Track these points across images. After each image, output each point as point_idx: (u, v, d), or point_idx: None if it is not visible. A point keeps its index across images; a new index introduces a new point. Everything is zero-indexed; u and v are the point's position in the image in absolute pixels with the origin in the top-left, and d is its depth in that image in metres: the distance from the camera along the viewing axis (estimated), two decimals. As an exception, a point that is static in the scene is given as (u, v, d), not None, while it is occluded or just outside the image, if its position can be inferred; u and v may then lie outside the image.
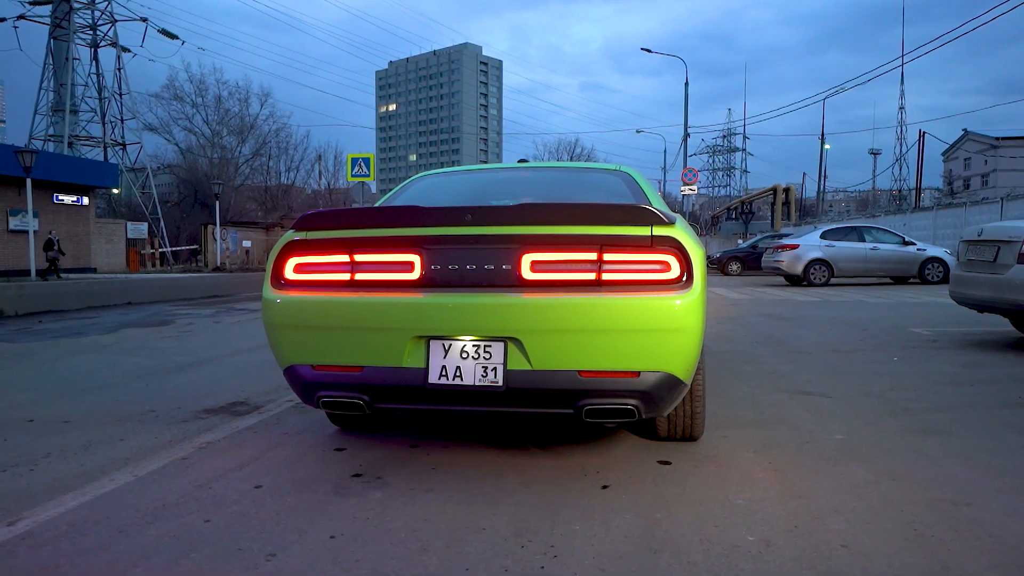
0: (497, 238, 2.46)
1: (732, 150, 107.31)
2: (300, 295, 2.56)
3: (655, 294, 2.36)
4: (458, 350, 2.44)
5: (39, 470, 2.85)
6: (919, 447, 3.04)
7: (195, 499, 2.48)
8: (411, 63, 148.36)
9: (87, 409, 3.91)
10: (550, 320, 2.37)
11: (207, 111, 54.09)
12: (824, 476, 2.67)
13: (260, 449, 3.10)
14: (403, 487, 2.60)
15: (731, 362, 5.31)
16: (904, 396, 4.07)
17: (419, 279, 2.50)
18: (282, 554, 2.04)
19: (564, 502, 2.43)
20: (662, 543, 2.09)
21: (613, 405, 2.42)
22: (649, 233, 2.40)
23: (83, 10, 38.03)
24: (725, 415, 3.64)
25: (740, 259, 22.64)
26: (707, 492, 2.52)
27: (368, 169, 19.30)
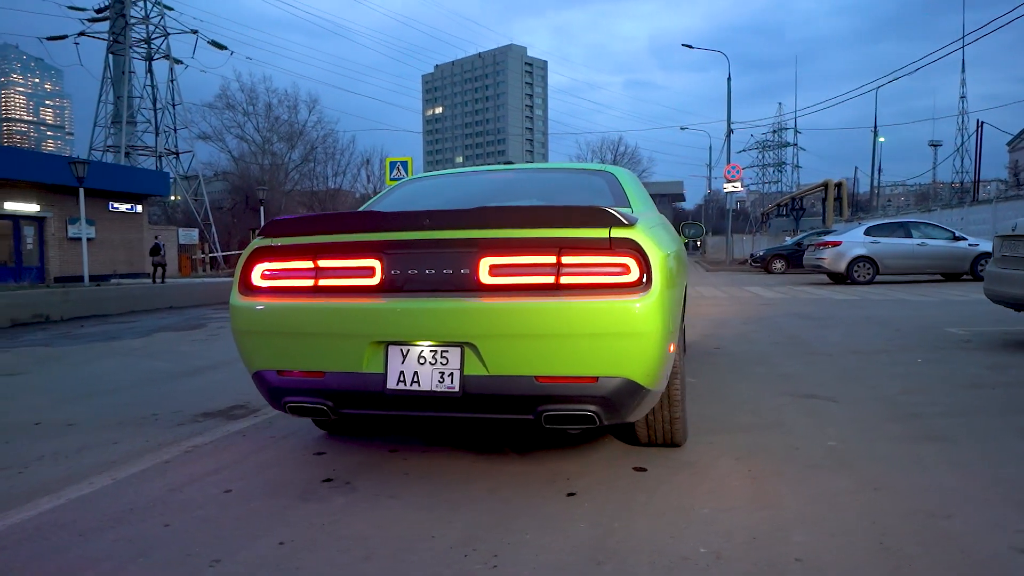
0: (455, 242, 2.43)
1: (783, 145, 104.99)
2: (265, 301, 2.58)
3: (612, 297, 2.30)
4: (416, 355, 2.42)
5: (27, 473, 2.94)
6: (915, 454, 2.90)
7: (163, 503, 2.52)
8: (456, 66, 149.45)
9: (94, 413, 4.03)
10: (505, 325, 2.33)
11: (258, 119, 55.47)
12: (803, 485, 2.57)
13: (243, 453, 3.14)
14: (369, 493, 2.59)
15: (744, 364, 5.17)
16: (915, 400, 3.89)
17: (379, 284, 2.49)
18: (227, 560, 2.05)
19: (525, 509, 2.39)
20: (610, 554, 2.03)
21: (572, 411, 2.37)
22: (607, 235, 2.34)
23: (138, 25, 39.45)
24: (720, 419, 3.54)
25: (784, 257, 22.09)
26: (674, 501, 2.44)
27: (406, 172, 19.53)
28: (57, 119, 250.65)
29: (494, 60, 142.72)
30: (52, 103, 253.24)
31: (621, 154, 63.95)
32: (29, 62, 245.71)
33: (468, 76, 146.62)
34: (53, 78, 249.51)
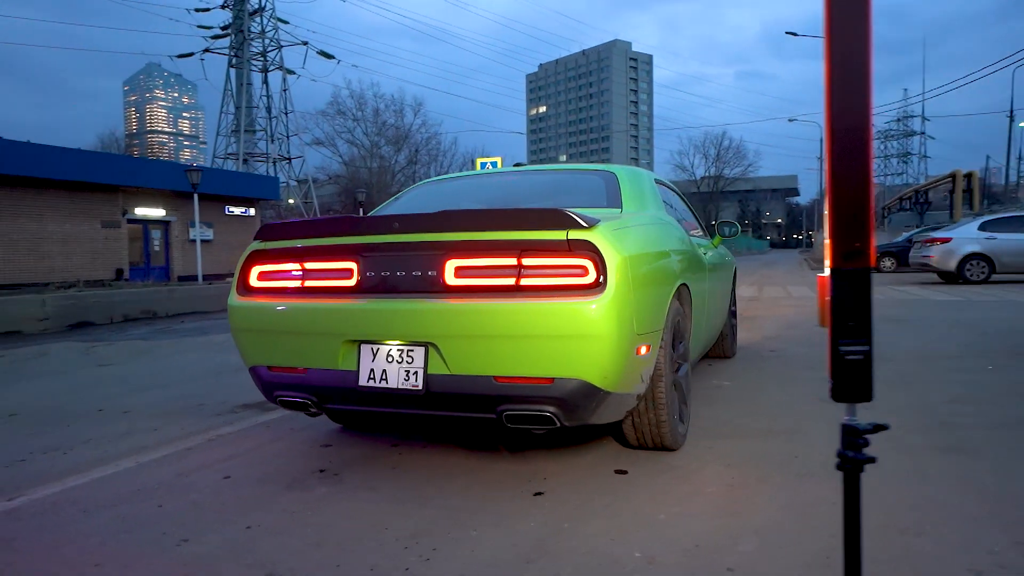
0: (422, 245, 2.51)
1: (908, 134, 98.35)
2: (257, 301, 2.76)
3: (567, 299, 2.31)
4: (384, 354, 2.52)
5: (71, 454, 3.27)
6: (923, 466, 2.73)
7: (167, 486, 2.75)
8: (560, 64, 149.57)
9: (152, 402, 4.40)
10: (465, 325, 2.39)
11: (366, 124, 57.83)
12: (783, 493, 2.48)
13: (259, 443, 3.35)
14: (352, 484, 2.72)
15: (793, 368, 4.96)
16: (959, 410, 3.63)
17: (356, 285, 2.61)
18: (194, 540, 2.23)
19: (487, 507, 2.44)
20: (544, 554, 2.06)
21: (531, 411, 2.40)
22: (565, 237, 2.35)
23: (255, 39, 42.11)
24: (733, 423, 3.44)
25: (894, 255, 20.72)
26: (639, 505, 2.42)
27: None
28: (192, 130, 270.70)
29: (598, 57, 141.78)
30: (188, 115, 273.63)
31: (725, 148, 62.03)
32: (169, 78, 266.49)
33: (572, 74, 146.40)
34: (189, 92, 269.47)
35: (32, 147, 19.65)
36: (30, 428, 3.79)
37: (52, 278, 19.52)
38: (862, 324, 0.90)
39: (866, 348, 0.94)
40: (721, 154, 61.30)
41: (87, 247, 21.28)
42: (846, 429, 1.03)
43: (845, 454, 1.01)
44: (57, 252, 20.50)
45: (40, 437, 3.58)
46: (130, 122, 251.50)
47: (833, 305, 0.91)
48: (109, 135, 57.55)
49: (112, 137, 52.54)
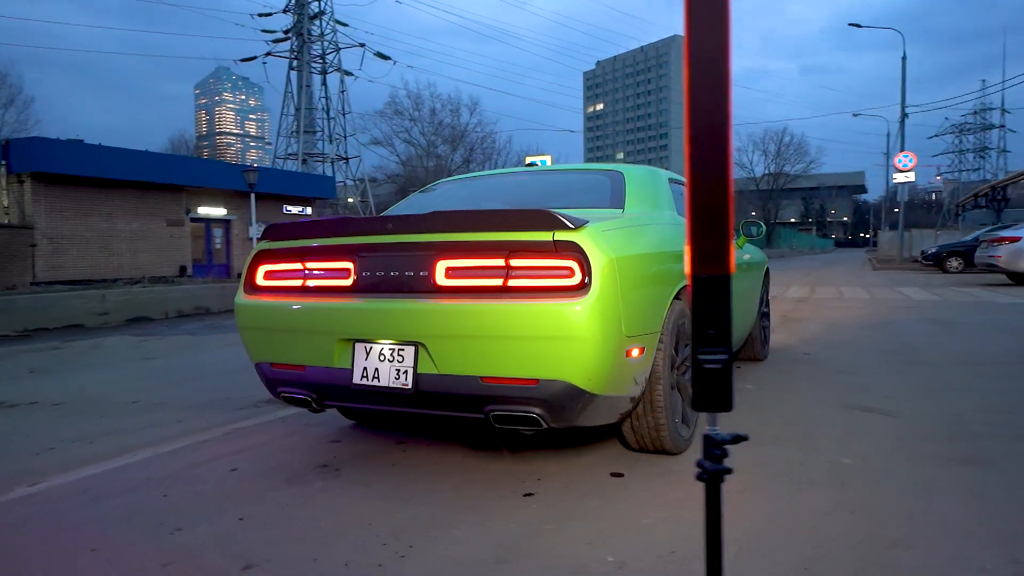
0: (414, 245, 2.55)
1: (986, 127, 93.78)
2: (262, 300, 2.84)
3: (551, 300, 2.30)
4: (377, 353, 2.56)
5: (97, 443, 3.43)
6: (932, 478, 2.62)
7: (174, 477, 2.86)
8: (618, 61, 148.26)
9: (183, 394, 4.57)
10: (452, 325, 2.41)
11: (423, 124, 58.54)
12: (777, 502, 2.42)
13: (272, 437, 3.45)
14: (348, 479, 2.78)
15: (824, 373, 4.81)
16: (988, 419, 3.46)
17: (352, 285, 2.66)
18: (187, 530, 2.31)
19: (474, 506, 2.46)
20: (516, 555, 2.06)
21: (517, 412, 2.40)
22: (551, 238, 2.35)
23: (315, 43, 43.11)
24: (745, 429, 3.35)
25: (961, 254, 19.79)
26: (625, 508, 2.40)
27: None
28: (259, 131, 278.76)
29: (656, 53, 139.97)
30: (255, 117, 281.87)
31: (786, 145, 60.30)
32: (237, 81, 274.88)
33: (630, 71, 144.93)
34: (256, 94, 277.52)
35: (103, 150, 20.60)
36: (68, 417, 3.98)
37: (120, 274, 20.43)
38: (722, 332, 0.87)
39: (725, 357, 0.92)
40: (782, 151, 59.65)
41: (153, 245, 22.18)
42: (706, 439, 1.00)
43: (704, 464, 0.98)
44: (125, 249, 21.42)
45: (73, 426, 3.76)
46: (200, 124, 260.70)
47: (693, 313, 0.89)
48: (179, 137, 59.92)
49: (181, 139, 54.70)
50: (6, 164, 18.99)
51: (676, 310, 2.91)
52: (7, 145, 19.25)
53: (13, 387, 5.00)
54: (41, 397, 4.58)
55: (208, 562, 2.06)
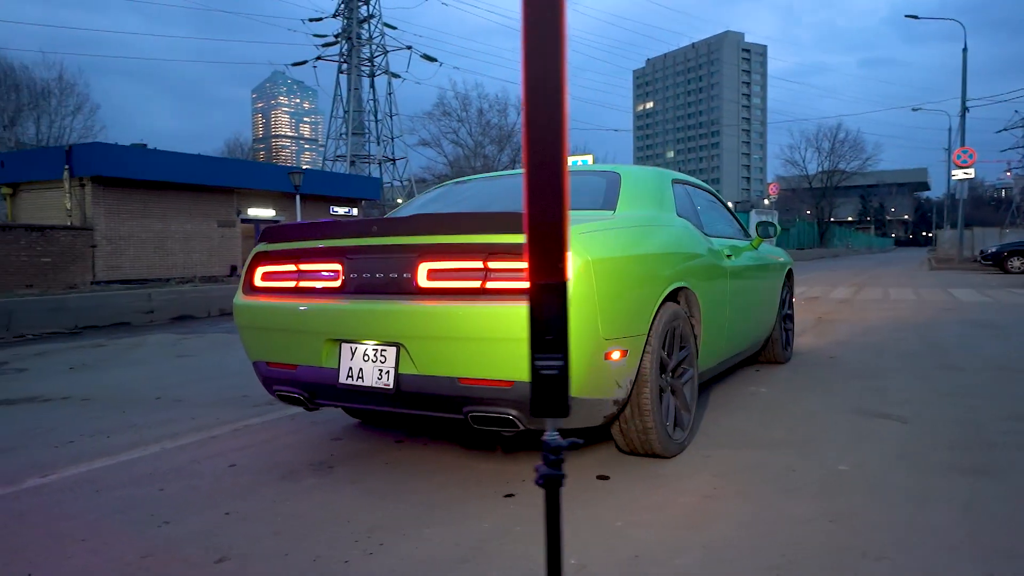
0: (398, 248, 2.58)
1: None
2: (259, 300, 2.92)
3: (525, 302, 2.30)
4: (361, 353, 2.61)
5: (114, 437, 3.57)
6: (932, 487, 2.53)
7: (176, 471, 2.96)
8: (668, 58, 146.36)
9: (203, 392, 4.72)
10: (430, 327, 2.44)
11: (470, 124, 58.92)
12: (755, 508, 2.38)
13: (276, 434, 3.54)
14: (340, 477, 2.83)
15: (843, 376, 4.68)
16: (1009, 428, 3.33)
17: (341, 286, 2.72)
18: (175, 523, 2.40)
19: (452, 505, 2.48)
20: (481, 555, 2.08)
21: (494, 413, 2.42)
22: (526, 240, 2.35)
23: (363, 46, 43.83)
24: (746, 433, 3.31)
25: (1022, 254, 18.95)
26: (602, 511, 2.39)
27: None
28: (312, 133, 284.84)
29: (708, 49, 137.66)
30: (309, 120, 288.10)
31: (840, 141, 58.54)
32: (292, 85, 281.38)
33: (680, 68, 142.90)
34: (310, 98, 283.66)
35: (158, 154, 21.36)
36: (92, 412, 4.16)
37: (173, 274, 21.15)
38: (559, 338, 0.87)
39: (561, 363, 0.91)
40: (836, 147, 57.92)
41: (205, 245, 22.87)
42: (544, 445, 1.00)
43: (540, 470, 0.98)
44: (179, 250, 22.15)
45: (96, 421, 3.93)
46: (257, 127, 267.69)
47: (530, 320, 0.89)
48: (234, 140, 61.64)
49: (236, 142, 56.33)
50: (69, 168, 19.86)
51: (668, 313, 2.89)
52: (70, 151, 20.13)
53: (51, 382, 5.24)
54: (73, 392, 4.79)
55: (184, 554, 2.14)
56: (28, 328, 8.74)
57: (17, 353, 7.18)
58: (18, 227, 18.64)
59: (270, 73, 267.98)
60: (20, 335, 8.60)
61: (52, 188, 20.59)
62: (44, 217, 20.75)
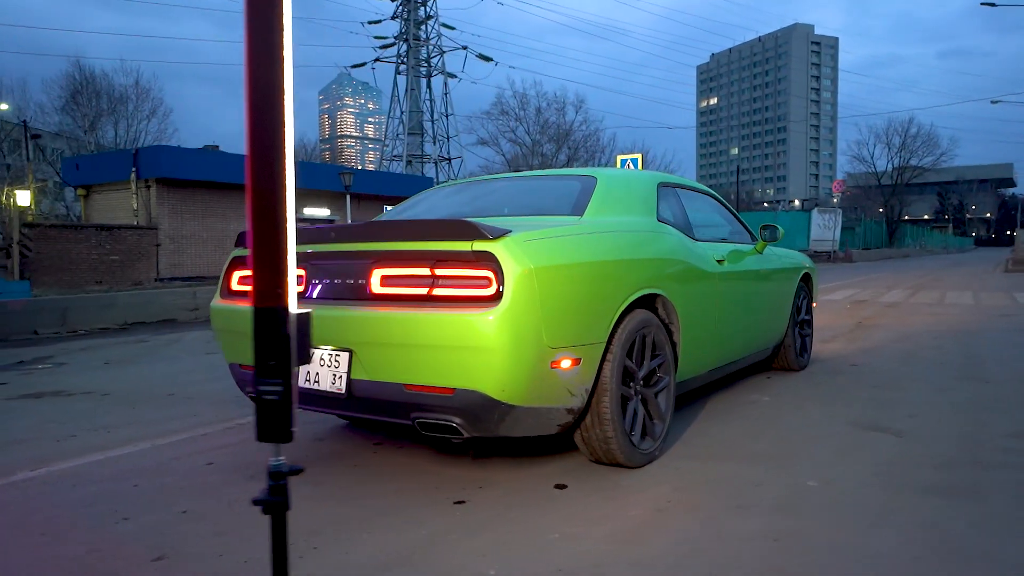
0: (353, 254, 2.62)
1: None
2: (232, 304, 3.00)
3: (465, 310, 2.30)
4: (318, 357, 2.65)
5: (114, 432, 3.72)
6: (895, 509, 2.41)
7: (155, 469, 3.07)
8: (734, 53, 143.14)
9: (216, 389, 4.87)
10: (378, 333, 2.46)
11: (528, 123, 59.01)
12: (702, 525, 2.31)
13: (265, 433, 3.62)
14: (305, 479, 2.86)
15: (855, 385, 4.50)
16: (1013, 446, 3.14)
17: (303, 292, 2.77)
18: (132, 519, 2.49)
19: (402, 510, 2.50)
20: (404, 563, 2.08)
21: (439, 420, 2.42)
22: (470, 248, 2.35)
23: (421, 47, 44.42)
24: (727, 444, 3.22)
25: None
26: (546, 522, 2.36)
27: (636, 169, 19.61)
28: (376, 133, 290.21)
29: (776, 43, 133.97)
30: (373, 120, 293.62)
31: (912, 136, 56.00)
32: (358, 86, 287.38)
33: (746, 63, 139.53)
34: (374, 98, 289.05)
35: (219, 155, 22.15)
36: (105, 407, 4.35)
37: (232, 272, 21.89)
38: (281, 363, 0.86)
39: (282, 388, 0.90)
40: (907, 143, 55.41)
41: (263, 244, 23.61)
42: (268, 471, 0.98)
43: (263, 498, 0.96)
44: (238, 248, 22.95)
45: (105, 416, 4.11)
46: (323, 128, 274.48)
47: (254, 344, 0.88)
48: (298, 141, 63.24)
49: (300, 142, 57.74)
50: (135, 170, 20.81)
51: (635, 320, 2.83)
52: (136, 153, 21.09)
53: (84, 377, 5.51)
54: (97, 387, 5.02)
55: (127, 550, 2.21)
56: (81, 324, 9.20)
57: (65, 348, 7.57)
58: (89, 227, 19.61)
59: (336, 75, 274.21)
60: (73, 330, 9.06)
61: (120, 189, 21.61)
62: (113, 217, 21.79)
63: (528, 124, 58.77)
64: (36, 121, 39.54)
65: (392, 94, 45.06)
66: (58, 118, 40.25)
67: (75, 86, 39.31)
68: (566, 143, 58.54)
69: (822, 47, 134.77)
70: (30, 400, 4.65)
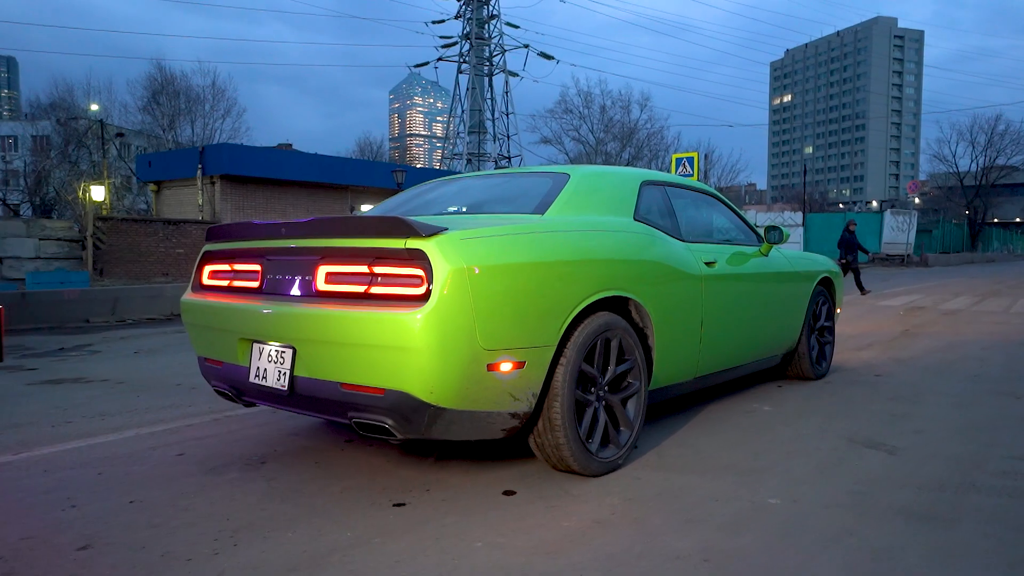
0: (300, 250, 2.60)
1: None
2: (200, 298, 3.03)
3: (393, 310, 2.25)
4: (266, 353, 2.65)
5: (108, 419, 3.83)
6: (851, 532, 2.24)
7: (127, 457, 3.13)
8: (810, 48, 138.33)
9: (224, 381, 4.97)
10: (317, 330, 2.43)
11: (592, 121, 58.58)
12: (638, 539, 2.19)
13: (246, 426, 3.66)
14: (262, 474, 2.88)
15: (869, 398, 4.24)
16: (1011, 468, 2.89)
17: (258, 287, 2.77)
18: (81, 506, 2.53)
19: (340, 511, 2.46)
20: (314, 566, 2.04)
21: (372, 421, 2.37)
22: (404, 246, 2.30)
23: (483, 46, 44.64)
24: (709, 456, 3.07)
25: None
26: (478, 529, 2.29)
27: (692, 169, 19.17)
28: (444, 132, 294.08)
29: (855, 37, 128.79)
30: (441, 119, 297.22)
31: (1000, 134, 52.80)
32: (427, 85, 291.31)
33: (823, 58, 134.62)
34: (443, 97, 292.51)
35: (279, 153, 22.83)
36: (113, 395, 4.49)
37: (291, 266, 22.51)
38: None
39: None
40: (994, 140, 52.25)
41: (322, 240, 24.22)
42: None
43: None
44: (298, 244, 23.59)
45: (108, 403, 4.24)
46: (393, 127, 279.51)
47: None
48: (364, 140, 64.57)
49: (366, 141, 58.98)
50: (201, 167, 21.65)
51: (595, 323, 2.72)
52: (203, 151, 21.93)
53: (106, 365, 5.72)
54: (115, 375, 5.20)
55: (58, 539, 2.25)
56: (129, 314, 9.60)
57: (107, 336, 7.91)
58: (157, 221, 20.46)
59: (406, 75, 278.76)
60: (122, 320, 9.46)
61: (188, 185, 22.52)
62: (182, 212, 22.71)
63: (592, 122, 58.35)
64: (120, 120, 41.68)
65: (454, 93, 45.44)
66: (140, 117, 42.30)
67: (156, 87, 41.23)
68: (630, 142, 57.89)
69: (905, 41, 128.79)
70: (48, 386, 4.85)
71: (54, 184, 35.29)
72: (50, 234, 16.56)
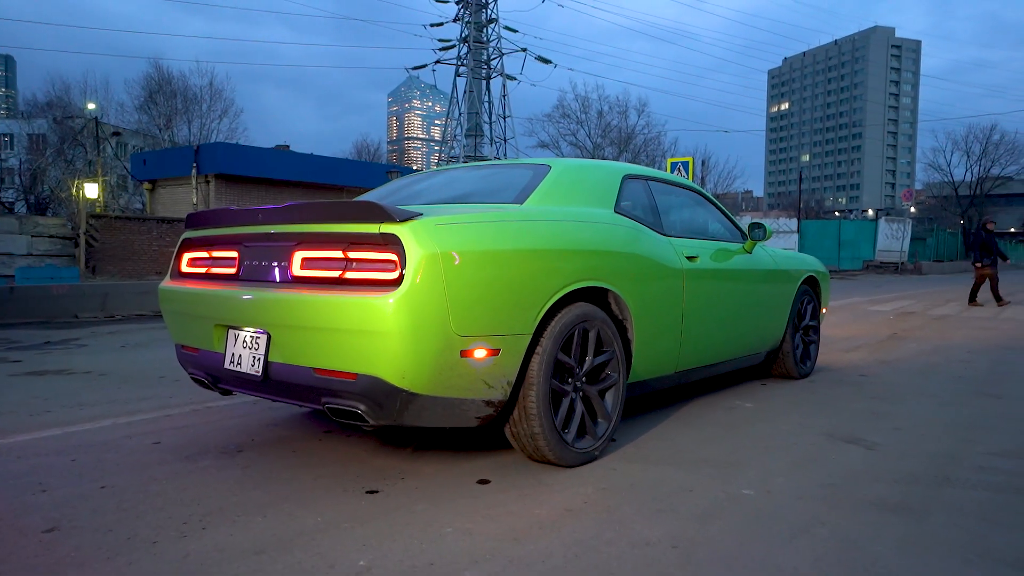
0: (276, 236, 2.59)
1: None
2: (178, 285, 3.01)
3: (366, 294, 2.24)
4: (242, 339, 2.64)
5: (87, 409, 3.81)
6: (825, 523, 2.23)
7: (102, 445, 3.12)
8: (808, 57, 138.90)
9: (208, 374, 4.95)
10: (291, 315, 2.42)
11: (589, 126, 58.65)
12: (607, 527, 2.19)
13: (222, 416, 3.64)
14: (237, 462, 2.87)
15: (854, 396, 4.24)
16: (994, 465, 2.89)
17: (235, 273, 2.76)
18: (51, 491, 2.52)
19: (311, 497, 2.45)
20: (280, 549, 2.03)
21: (345, 406, 2.36)
22: (378, 231, 2.29)
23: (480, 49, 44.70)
24: (686, 449, 3.06)
25: None
26: (447, 516, 2.28)
27: (687, 174, 19.18)
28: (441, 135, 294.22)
29: (853, 46, 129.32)
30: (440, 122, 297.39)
31: (995, 143, 52.98)
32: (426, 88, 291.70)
33: (820, 67, 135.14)
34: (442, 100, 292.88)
35: (274, 153, 22.79)
36: (94, 386, 4.47)
37: (285, 266, 22.45)
38: None
39: None
40: (988, 150, 52.45)
41: (316, 240, 24.17)
42: None
43: None
44: (292, 244, 23.54)
45: (88, 394, 4.22)
46: (391, 129, 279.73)
47: None
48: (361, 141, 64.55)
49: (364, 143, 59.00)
50: (196, 166, 21.61)
51: (572, 313, 2.72)
52: (197, 150, 21.90)
53: (91, 358, 5.70)
54: (99, 368, 5.17)
55: (25, 521, 2.23)
56: (119, 309, 9.56)
57: (95, 331, 7.88)
58: (151, 219, 20.39)
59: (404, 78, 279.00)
60: (111, 315, 9.43)
61: (183, 184, 22.47)
62: (176, 210, 22.65)
63: (590, 127, 58.32)
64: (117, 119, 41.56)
65: (451, 96, 45.46)
66: (137, 117, 42.18)
67: (153, 86, 41.11)
68: (627, 147, 57.95)
69: (903, 51, 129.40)
70: (31, 377, 4.83)
71: (49, 182, 35.20)
72: (43, 231, 16.51)
